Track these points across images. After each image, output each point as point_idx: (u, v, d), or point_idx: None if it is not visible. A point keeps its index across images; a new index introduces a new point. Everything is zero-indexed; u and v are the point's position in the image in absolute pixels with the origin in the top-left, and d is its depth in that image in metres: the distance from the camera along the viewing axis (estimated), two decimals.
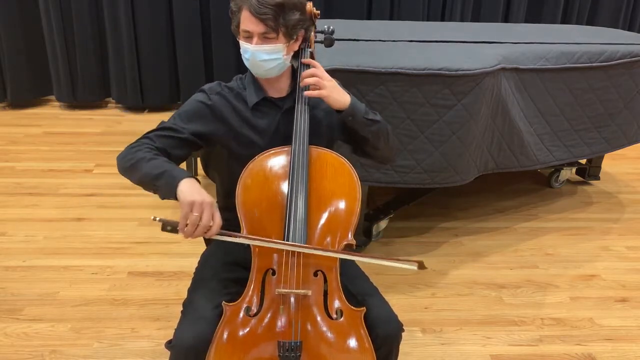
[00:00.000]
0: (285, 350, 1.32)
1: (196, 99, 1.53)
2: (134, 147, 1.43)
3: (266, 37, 1.41)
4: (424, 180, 2.37)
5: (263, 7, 1.36)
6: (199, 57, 4.37)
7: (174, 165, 1.37)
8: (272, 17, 1.38)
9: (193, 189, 1.29)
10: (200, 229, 1.26)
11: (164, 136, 1.47)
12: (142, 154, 1.39)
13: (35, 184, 3.14)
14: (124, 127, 4.11)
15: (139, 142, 1.45)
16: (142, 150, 1.40)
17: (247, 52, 1.43)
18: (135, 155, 1.39)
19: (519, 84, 2.49)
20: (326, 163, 1.46)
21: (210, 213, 1.27)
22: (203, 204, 1.26)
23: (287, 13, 1.40)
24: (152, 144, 1.44)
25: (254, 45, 1.41)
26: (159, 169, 1.35)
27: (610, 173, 3.55)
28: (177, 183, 1.30)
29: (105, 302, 2.21)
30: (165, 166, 1.35)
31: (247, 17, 1.39)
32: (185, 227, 1.26)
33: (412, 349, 2.03)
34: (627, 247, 2.75)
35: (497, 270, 2.53)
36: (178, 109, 1.53)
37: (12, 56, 4.19)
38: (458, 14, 4.49)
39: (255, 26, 1.39)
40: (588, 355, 2.04)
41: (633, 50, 2.68)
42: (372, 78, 2.18)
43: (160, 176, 1.33)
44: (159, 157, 1.40)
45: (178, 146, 1.48)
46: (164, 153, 1.45)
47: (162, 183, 1.33)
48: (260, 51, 1.42)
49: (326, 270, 1.38)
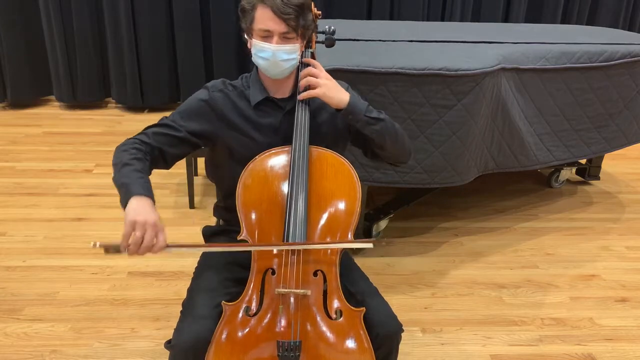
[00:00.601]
0: (284, 350, 1.32)
1: (198, 96, 1.53)
2: (124, 145, 1.43)
3: (286, 37, 1.41)
4: (424, 180, 2.37)
5: (287, 6, 1.36)
6: (199, 57, 4.37)
7: (137, 179, 1.34)
8: (295, 17, 1.38)
9: (139, 208, 1.27)
10: (142, 249, 1.25)
11: (161, 133, 1.47)
12: (123, 156, 1.39)
13: (35, 184, 3.14)
14: (124, 127, 4.11)
15: (133, 140, 1.45)
16: (127, 152, 1.40)
17: (267, 51, 1.42)
18: (120, 155, 1.40)
19: (519, 84, 2.49)
20: (326, 163, 1.46)
21: (153, 233, 1.25)
22: (146, 224, 1.24)
23: (306, 14, 1.41)
24: (146, 141, 1.44)
25: (275, 44, 1.41)
26: (123, 179, 1.34)
27: (610, 173, 3.55)
28: (128, 199, 1.29)
29: (105, 302, 2.21)
30: (128, 179, 1.34)
31: (268, 16, 1.38)
32: (128, 247, 1.25)
33: (412, 349, 2.03)
34: (627, 247, 2.75)
35: (497, 270, 2.53)
36: (180, 105, 1.54)
37: (12, 56, 4.19)
38: (458, 14, 4.49)
39: (278, 26, 1.39)
40: (588, 355, 2.04)
41: (633, 50, 2.68)
42: (372, 78, 2.18)
43: (120, 187, 1.33)
44: (135, 163, 1.38)
45: (174, 144, 1.48)
46: (158, 151, 1.46)
47: (121, 195, 1.32)
48: (282, 51, 1.42)
49: (326, 270, 1.38)
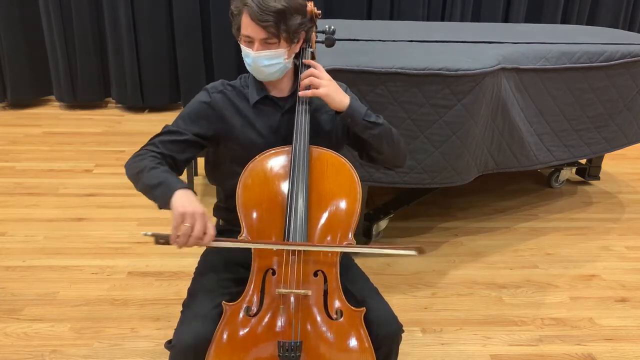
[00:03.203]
0: (285, 350, 1.32)
1: (198, 99, 1.53)
2: (139, 155, 1.44)
3: (267, 42, 1.40)
4: (424, 180, 2.37)
5: (264, 13, 1.35)
6: (199, 57, 4.37)
7: (172, 176, 1.38)
8: (274, 24, 1.37)
9: (186, 200, 1.29)
10: (192, 240, 1.27)
11: (169, 141, 1.48)
12: (145, 163, 1.40)
13: (35, 184, 3.14)
14: (124, 127, 4.11)
15: (145, 149, 1.46)
16: (146, 159, 1.41)
17: (249, 57, 1.44)
18: (139, 164, 1.41)
19: (519, 84, 2.49)
20: (326, 163, 1.46)
21: (202, 224, 1.27)
22: (195, 214, 1.26)
23: (289, 18, 1.39)
24: (157, 150, 1.45)
25: (255, 51, 1.41)
26: (157, 179, 1.35)
27: (610, 173, 3.55)
28: (171, 194, 1.30)
29: (105, 302, 2.21)
30: (163, 177, 1.36)
31: (247, 22, 1.39)
32: (177, 238, 1.26)
33: (412, 349, 2.03)
34: (627, 247, 2.75)
35: (497, 270, 2.53)
36: (182, 111, 1.54)
37: (12, 56, 4.19)
38: (458, 14, 4.49)
39: (257, 32, 1.39)
40: (588, 355, 2.04)
41: (633, 50, 2.68)
42: (372, 78, 2.18)
43: (157, 186, 1.34)
44: (160, 166, 1.40)
45: (183, 150, 1.49)
46: (170, 159, 1.47)
47: (158, 193, 1.34)
48: (262, 57, 1.42)
49: (326, 270, 1.38)
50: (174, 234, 1.26)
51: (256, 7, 1.35)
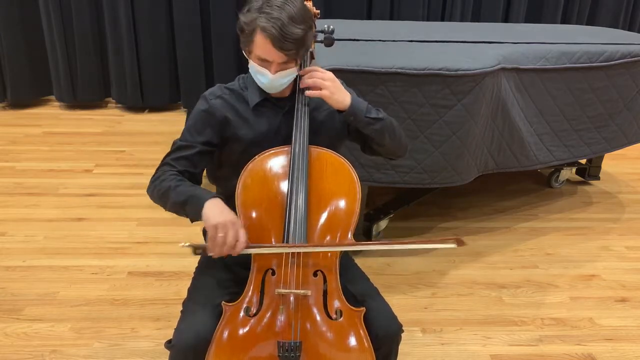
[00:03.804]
0: (284, 351, 1.32)
1: (199, 108, 1.53)
2: (158, 178, 1.45)
3: (285, 64, 1.40)
4: (424, 180, 2.37)
5: (287, 42, 1.34)
6: (199, 57, 4.36)
7: (198, 189, 1.40)
8: (295, 50, 1.37)
9: (216, 210, 1.32)
10: (226, 248, 1.29)
11: (181, 157, 1.48)
12: (167, 183, 1.42)
13: (35, 184, 3.14)
14: (124, 127, 4.11)
15: (161, 170, 1.48)
16: (167, 179, 1.43)
17: (265, 78, 1.42)
18: (162, 185, 1.42)
19: (519, 84, 2.49)
20: (326, 163, 1.46)
21: (234, 232, 1.29)
22: (226, 224, 1.28)
23: (306, 41, 1.40)
24: (173, 169, 1.47)
25: (273, 74, 1.40)
26: (184, 195, 1.38)
27: (610, 173, 3.55)
28: (201, 206, 1.32)
29: (105, 302, 2.21)
30: (189, 191, 1.39)
31: (267, 47, 1.36)
32: (214, 249, 1.29)
33: (412, 349, 2.03)
34: (627, 247, 2.75)
35: (497, 270, 2.53)
36: (186, 123, 1.55)
37: (12, 56, 4.18)
38: (458, 14, 4.49)
39: (277, 57, 1.38)
40: (588, 355, 2.04)
41: (633, 50, 2.68)
42: (372, 78, 2.18)
43: (186, 203, 1.37)
44: (184, 182, 1.43)
45: (196, 162, 1.50)
46: (188, 174, 1.48)
47: (189, 209, 1.37)
48: (279, 77, 1.42)
49: (326, 270, 1.38)
50: (211, 244, 1.29)
51: (278, 34, 1.33)
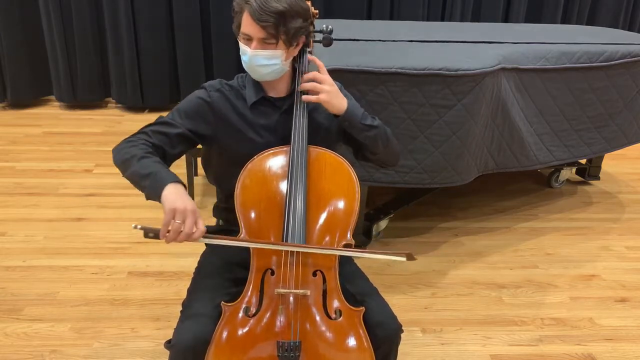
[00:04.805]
0: (284, 350, 1.32)
1: (196, 95, 1.53)
2: (130, 142, 1.42)
3: (265, 42, 1.40)
4: (424, 180, 2.36)
5: (264, 13, 1.35)
6: (199, 57, 4.37)
7: (163, 167, 1.36)
8: (273, 25, 1.37)
9: (177, 195, 1.27)
10: (182, 236, 1.26)
11: (162, 132, 1.46)
12: (135, 151, 1.38)
13: (35, 184, 3.14)
14: (124, 127, 4.11)
15: (136, 137, 1.45)
16: (137, 147, 1.40)
17: (246, 55, 1.43)
18: (129, 150, 1.39)
19: (519, 84, 2.49)
20: (325, 163, 1.46)
21: (192, 220, 1.26)
22: (186, 211, 1.25)
23: (289, 21, 1.38)
24: (148, 140, 1.44)
25: (252, 49, 1.41)
26: (148, 169, 1.33)
27: (610, 173, 3.55)
28: (162, 187, 1.28)
29: (105, 302, 2.21)
30: (154, 167, 1.34)
31: (247, 20, 1.38)
32: (168, 234, 1.25)
33: (412, 349, 2.03)
34: (627, 247, 2.75)
35: (497, 270, 2.53)
36: (178, 104, 1.53)
37: (12, 56, 4.19)
38: (458, 14, 4.49)
39: (256, 31, 1.38)
40: (588, 355, 2.04)
41: (633, 50, 2.68)
42: (372, 78, 2.18)
43: (147, 177, 1.32)
44: (151, 156, 1.38)
45: (175, 143, 1.47)
46: (160, 150, 1.45)
47: (148, 184, 1.32)
48: (258, 56, 1.42)
49: (325, 270, 1.38)
50: (164, 230, 1.25)
51: (257, 6, 1.35)
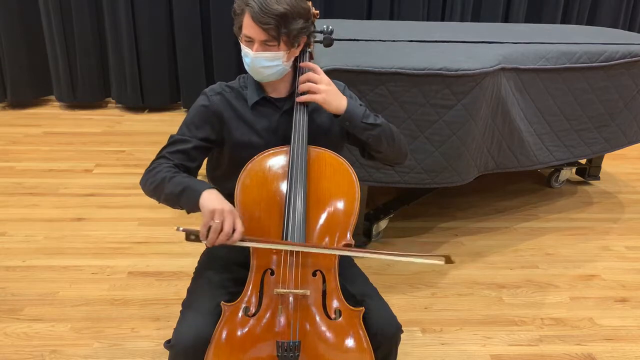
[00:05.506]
0: (284, 350, 1.32)
1: (199, 103, 1.54)
2: (153, 169, 1.46)
3: (267, 44, 1.40)
4: (424, 180, 2.36)
5: (266, 16, 1.35)
6: (199, 57, 4.36)
7: (193, 179, 1.41)
8: (274, 27, 1.37)
9: (213, 198, 1.32)
10: (222, 236, 1.28)
11: (177, 151, 1.49)
12: (161, 175, 1.42)
13: (35, 184, 3.14)
14: (124, 127, 4.11)
15: (156, 162, 1.48)
16: (162, 171, 1.43)
17: (248, 57, 1.44)
18: (156, 177, 1.43)
19: (519, 84, 2.49)
20: (325, 163, 1.46)
21: (231, 220, 1.29)
22: (224, 211, 1.29)
23: (290, 22, 1.39)
24: (169, 161, 1.47)
25: (254, 52, 1.41)
26: (180, 185, 1.38)
27: (610, 173, 3.55)
28: (198, 195, 1.33)
29: (105, 302, 2.21)
30: (186, 182, 1.39)
31: (249, 22, 1.39)
32: (208, 235, 1.28)
33: (412, 349, 2.03)
34: (627, 247, 2.75)
35: (497, 270, 2.53)
36: (185, 118, 1.55)
37: (12, 56, 4.18)
38: (458, 14, 4.49)
39: (257, 33, 1.39)
40: (588, 355, 2.04)
41: (633, 50, 2.68)
42: (372, 78, 2.18)
43: (182, 193, 1.37)
44: (179, 174, 1.43)
45: (192, 157, 1.50)
46: (182, 168, 1.48)
47: (185, 199, 1.37)
48: (260, 58, 1.42)
49: (325, 270, 1.38)
50: (204, 231, 1.28)
51: (258, 8, 1.35)
